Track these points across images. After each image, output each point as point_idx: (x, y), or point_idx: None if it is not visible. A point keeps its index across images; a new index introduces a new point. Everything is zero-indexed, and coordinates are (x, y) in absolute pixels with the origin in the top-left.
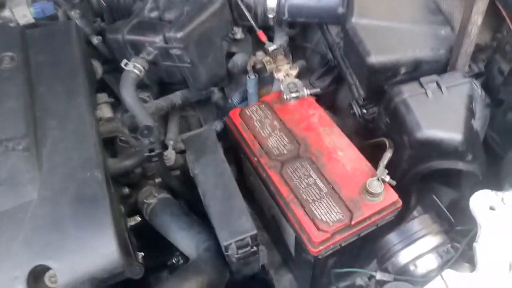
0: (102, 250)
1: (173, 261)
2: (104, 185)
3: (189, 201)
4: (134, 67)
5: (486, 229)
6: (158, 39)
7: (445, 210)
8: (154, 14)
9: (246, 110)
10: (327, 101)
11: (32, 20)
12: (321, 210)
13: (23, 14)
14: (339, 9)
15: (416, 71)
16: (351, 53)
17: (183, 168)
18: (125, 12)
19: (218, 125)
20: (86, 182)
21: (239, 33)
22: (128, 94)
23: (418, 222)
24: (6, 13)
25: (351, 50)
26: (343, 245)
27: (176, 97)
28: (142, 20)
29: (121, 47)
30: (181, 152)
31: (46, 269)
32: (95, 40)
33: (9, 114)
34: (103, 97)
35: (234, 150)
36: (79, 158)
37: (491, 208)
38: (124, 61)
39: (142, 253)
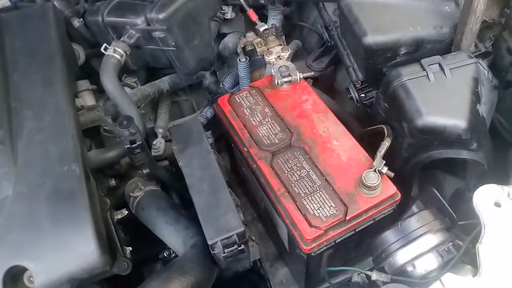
0: (81, 249)
1: (165, 254)
2: (83, 179)
3: (180, 191)
4: (114, 52)
5: (491, 228)
6: (140, 21)
7: (447, 205)
8: None
9: (236, 97)
10: (326, 83)
11: (9, 3)
12: (314, 205)
13: None
14: None
15: (418, 51)
16: (347, 33)
17: (173, 159)
18: None
19: (209, 112)
20: (64, 177)
21: (229, 13)
22: (108, 80)
23: (416, 219)
24: None
25: (346, 29)
26: (337, 241)
27: (164, 82)
28: (123, 1)
29: (102, 30)
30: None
31: (24, 268)
32: (76, 23)
33: None
34: (84, 84)
35: (226, 138)
36: (56, 151)
37: (497, 205)
38: (104, 45)
39: (130, 248)
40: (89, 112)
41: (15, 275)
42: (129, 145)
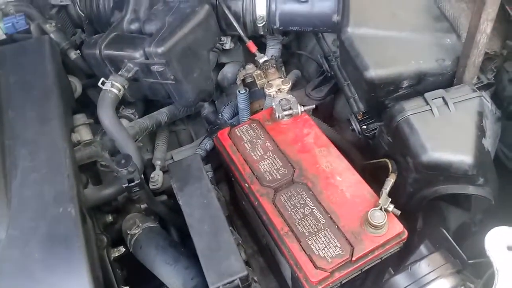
0: None
1: None
2: (79, 221)
3: (179, 227)
4: (112, 86)
5: (505, 274)
6: (138, 54)
7: (457, 248)
8: (135, 26)
9: (236, 130)
10: (325, 112)
11: (4, 36)
12: (319, 245)
13: None
14: (334, 17)
15: (420, 84)
16: (348, 65)
17: (171, 191)
18: (106, 23)
19: (208, 144)
20: (59, 220)
21: (228, 43)
22: (106, 116)
23: (427, 263)
24: None
25: (348, 62)
26: (343, 282)
27: (162, 114)
28: (121, 34)
29: (99, 63)
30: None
31: None
32: (73, 55)
33: None
34: (81, 118)
35: (225, 169)
36: (51, 191)
37: (510, 248)
38: (102, 79)
39: (127, 287)
40: (85, 148)
41: None
42: (127, 184)
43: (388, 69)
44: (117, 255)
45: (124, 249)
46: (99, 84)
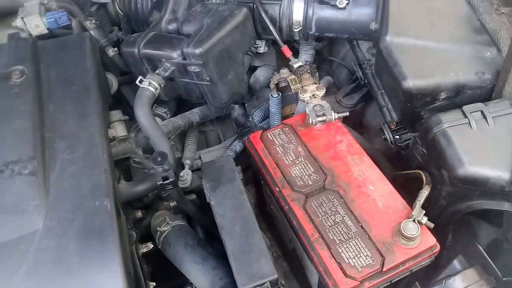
0: None
1: None
2: (114, 215)
3: (205, 226)
4: (149, 85)
5: None
6: (176, 55)
7: (492, 264)
8: (172, 26)
9: (268, 134)
10: (355, 119)
11: (46, 31)
12: (349, 253)
13: (36, 25)
14: (372, 25)
15: (457, 96)
16: (385, 74)
17: (200, 191)
18: (143, 22)
19: (238, 146)
20: (95, 212)
21: (262, 47)
22: (142, 113)
23: (461, 278)
24: (18, 22)
25: (384, 71)
26: None
27: (194, 114)
28: (159, 34)
29: (137, 61)
30: (198, 170)
31: None
32: (111, 52)
33: (16, 135)
34: (117, 114)
35: (255, 174)
36: (88, 184)
37: None
38: (140, 77)
39: (154, 284)
40: (120, 144)
41: None
42: (161, 182)
43: (426, 80)
44: (145, 251)
45: (152, 246)
46: (137, 82)
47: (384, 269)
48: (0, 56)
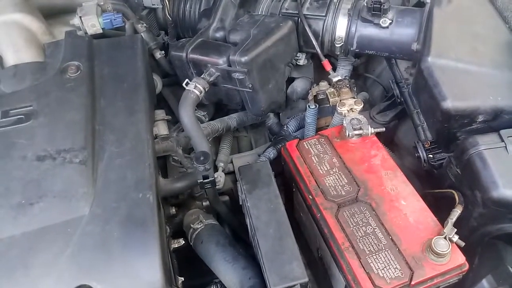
0: (147, 278)
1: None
2: (155, 208)
3: (234, 227)
4: (195, 88)
5: None
6: (221, 61)
7: None
8: (220, 34)
9: (304, 143)
10: (386, 137)
11: (100, 31)
12: (379, 264)
13: (92, 24)
14: (414, 45)
15: (495, 120)
16: (423, 93)
17: (232, 193)
18: (189, 28)
19: (272, 153)
20: (138, 204)
21: (302, 59)
22: (186, 114)
23: None
24: (76, 21)
25: (423, 90)
26: None
27: (232, 119)
28: (207, 40)
29: (183, 65)
30: (229, 173)
31: None
32: (158, 54)
33: (70, 125)
34: (160, 114)
35: (285, 179)
36: (133, 177)
37: None
38: (186, 80)
39: (182, 278)
40: (163, 142)
41: None
42: (201, 180)
43: (465, 102)
44: (176, 246)
45: (183, 242)
46: (183, 84)
47: (413, 283)
48: (57, 51)
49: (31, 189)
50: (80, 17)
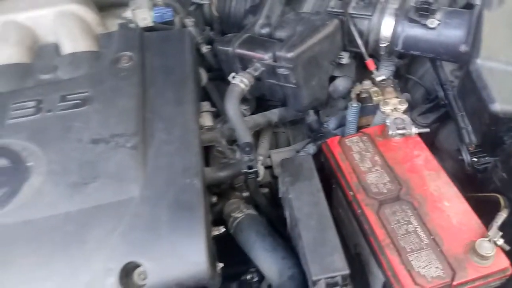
0: (193, 258)
1: (247, 277)
2: (202, 194)
3: (271, 220)
4: (240, 81)
5: None
6: (267, 56)
7: None
8: (265, 30)
9: (346, 140)
10: (426, 139)
11: (151, 24)
12: (420, 263)
13: (143, 17)
14: (462, 47)
15: None
16: (470, 96)
17: (271, 186)
18: (235, 24)
19: (311, 149)
20: (185, 189)
21: (345, 58)
22: (231, 107)
23: None
24: (128, 14)
25: (471, 93)
26: None
27: (274, 114)
28: (253, 36)
29: (229, 59)
30: (267, 168)
31: (136, 266)
32: (204, 49)
33: (122, 112)
34: (206, 105)
35: (325, 177)
36: (181, 163)
37: None
38: (232, 74)
39: (222, 264)
40: (208, 132)
41: (129, 270)
42: (246, 170)
43: None
44: (216, 233)
45: (223, 229)
46: (229, 77)
47: (454, 283)
48: (111, 41)
49: (86, 169)
50: (133, 10)
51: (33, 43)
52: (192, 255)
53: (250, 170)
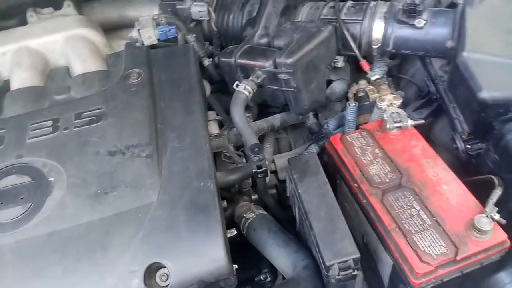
0: (212, 255)
1: (261, 277)
2: (216, 196)
3: (279, 220)
4: (244, 89)
5: None
6: (267, 64)
7: None
8: (264, 40)
9: (347, 137)
10: (421, 133)
11: (156, 42)
12: (425, 242)
13: (149, 36)
14: (448, 43)
15: None
16: (459, 87)
17: (277, 189)
18: (233, 38)
19: (313, 149)
20: (200, 191)
21: (340, 62)
22: (237, 113)
23: None
24: (134, 33)
25: (459, 84)
26: (445, 280)
27: (276, 119)
28: (253, 46)
29: (232, 70)
30: (271, 172)
31: (158, 267)
32: (206, 62)
33: (135, 124)
34: (212, 114)
35: (329, 175)
36: (194, 168)
37: None
38: (236, 82)
39: (236, 266)
40: (216, 139)
41: (151, 271)
42: (256, 169)
43: (500, 92)
44: (229, 236)
45: (235, 232)
46: (234, 86)
47: (458, 258)
48: (118, 60)
49: (105, 180)
50: (139, 29)
51: (45, 67)
52: (211, 252)
53: (260, 170)
